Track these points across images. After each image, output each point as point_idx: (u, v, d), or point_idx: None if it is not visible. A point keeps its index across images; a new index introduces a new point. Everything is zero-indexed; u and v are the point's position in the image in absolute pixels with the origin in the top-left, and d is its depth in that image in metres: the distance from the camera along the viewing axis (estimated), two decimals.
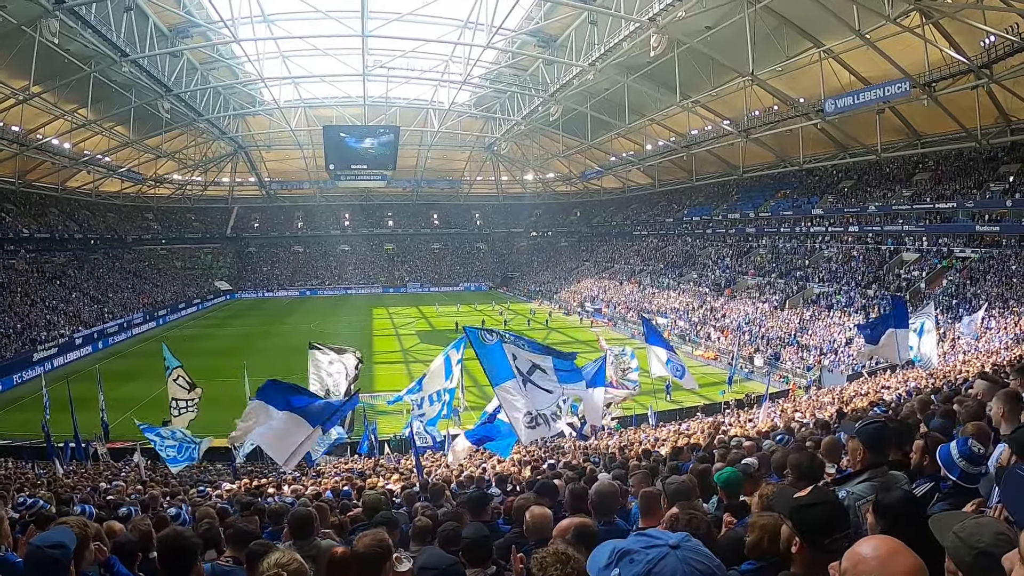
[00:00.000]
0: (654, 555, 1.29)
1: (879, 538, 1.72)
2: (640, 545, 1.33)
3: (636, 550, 1.32)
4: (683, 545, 1.32)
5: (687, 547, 1.32)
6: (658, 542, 1.32)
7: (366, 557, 3.14)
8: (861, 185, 47.82)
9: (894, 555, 1.58)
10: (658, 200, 75.81)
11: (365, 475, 15.18)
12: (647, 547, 1.31)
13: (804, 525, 2.51)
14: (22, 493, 10.76)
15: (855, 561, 1.61)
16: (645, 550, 1.31)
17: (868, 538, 1.69)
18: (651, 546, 1.31)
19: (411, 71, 57.47)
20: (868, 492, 3.30)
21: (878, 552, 1.59)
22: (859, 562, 1.60)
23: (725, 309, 47.32)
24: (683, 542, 1.33)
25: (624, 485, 6.17)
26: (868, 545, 1.64)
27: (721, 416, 22.90)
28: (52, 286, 51.91)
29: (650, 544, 1.32)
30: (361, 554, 3.16)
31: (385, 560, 3.18)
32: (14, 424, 27.93)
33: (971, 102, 34.44)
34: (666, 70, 42.32)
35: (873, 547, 1.62)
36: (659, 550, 1.30)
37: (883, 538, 1.72)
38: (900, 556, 1.58)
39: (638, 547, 1.32)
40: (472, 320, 53.16)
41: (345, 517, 7.24)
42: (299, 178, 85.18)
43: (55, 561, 2.91)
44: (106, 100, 47.59)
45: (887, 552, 1.59)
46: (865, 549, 1.62)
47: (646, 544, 1.32)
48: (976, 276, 35.17)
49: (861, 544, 1.65)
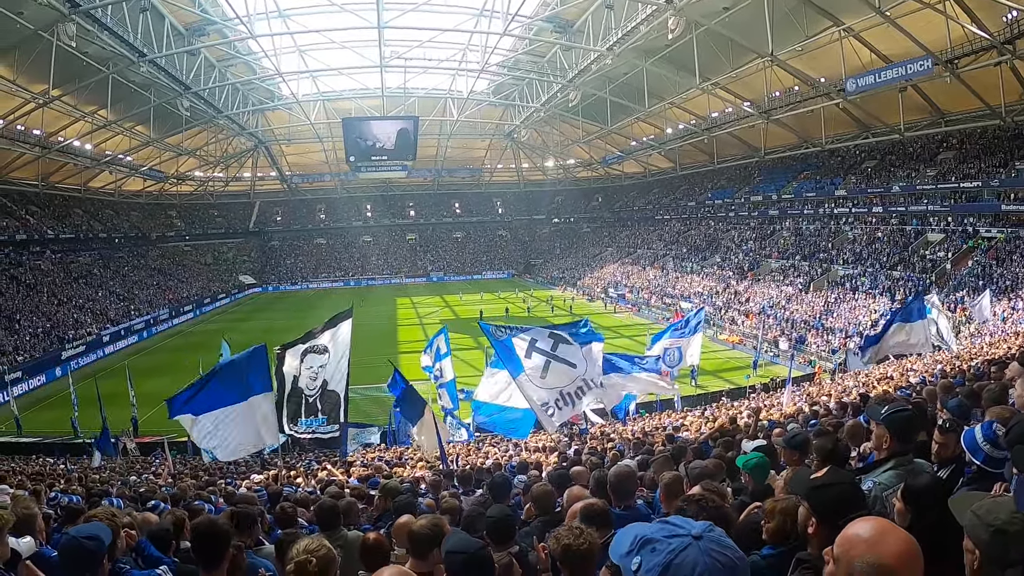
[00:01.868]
0: (676, 545, 1.28)
1: (870, 519, 1.70)
2: (662, 534, 1.32)
3: (658, 539, 1.31)
4: (705, 536, 1.30)
5: (709, 538, 1.30)
6: (680, 531, 1.31)
7: (419, 537, 3.23)
8: (884, 165, 47.07)
9: (886, 534, 1.57)
10: (680, 184, 75.22)
11: (392, 464, 15.31)
12: (669, 536, 1.31)
13: (820, 506, 2.51)
14: (54, 489, 11.00)
15: (847, 546, 1.60)
16: (667, 539, 1.30)
17: (858, 520, 1.67)
18: (673, 535, 1.31)
19: (428, 61, 57.37)
20: (894, 482, 3.24)
21: (869, 533, 1.58)
22: (851, 546, 1.58)
23: (749, 293, 46.97)
24: (706, 532, 1.32)
25: (647, 470, 6.18)
26: (857, 527, 1.62)
27: (758, 399, 22.80)
28: (78, 285, 52.71)
29: (672, 533, 1.31)
30: (415, 533, 3.26)
31: (436, 544, 3.24)
32: (44, 422, 28.43)
33: (995, 79, 33.53)
34: (684, 53, 41.85)
35: (863, 528, 1.60)
36: (681, 540, 1.29)
37: (874, 519, 1.71)
38: (891, 536, 1.57)
39: (660, 536, 1.32)
40: (496, 308, 53.29)
41: (371, 507, 7.35)
42: (320, 171, 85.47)
43: (91, 553, 3.00)
44: (125, 100, 47.95)
45: (878, 532, 1.58)
46: (855, 531, 1.61)
47: (668, 533, 1.32)
48: (1002, 256, 34.52)
49: (852, 526, 1.63)
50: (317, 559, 2.67)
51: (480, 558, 2.85)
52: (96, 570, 3.03)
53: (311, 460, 17.79)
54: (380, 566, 3.63)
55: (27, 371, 35.75)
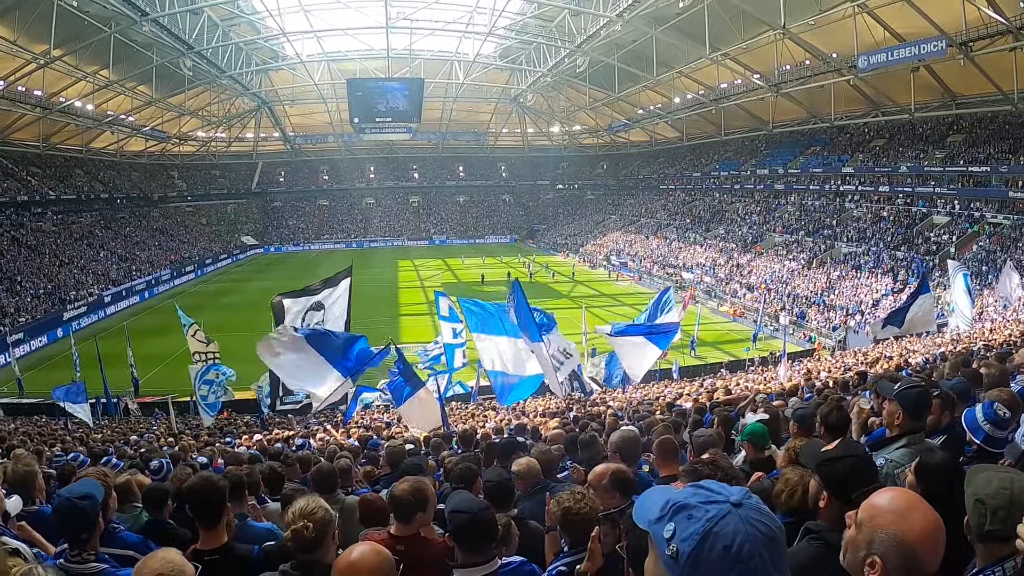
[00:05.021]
0: (714, 512, 1.19)
1: (897, 490, 1.68)
2: (698, 500, 1.23)
3: (694, 505, 1.22)
4: (745, 503, 1.22)
5: (749, 505, 1.22)
6: (718, 498, 1.23)
7: (401, 502, 3.25)
8: (893, 144, 46.57)
9: (912, 509, 1.54)
10: (686, 154, 74.68)
11: (391, 424, 15.39)
12: (706, 502, 1.22)
13: (831, 478, 2.48)
14: (54, 448, 11.05)
15: (872, 513, 1.57)
16: (704, 505, 1.21)
17: (885, 490, 1.66)
18: (710, 501, 1.22)
19: (435, 22, 56.88)
20: (907, 459, 3.22)
21: (896, 505, 1.55)
22: (876, 514, 1.55)
23: (751, 266, 46.91)
24: (745, 499, 1.23)
25: (648, 436, 6.17)
26: (885, 496, 1.59)
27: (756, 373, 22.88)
28: (80, 246, 52.55)
29: (709, 499, 1.23)
30: (396, 498, 3.28)
31: (419, 508, 3.25)
32: (46, 383, 28.46)
33: (1009, 64, 33.05)
34: (695, 22, 41.35)
35: (890, 499, 1.58)
36: (720, 507, 1.20)
37: (901, 491, 1.69)
38: (918, 511, 1.54)
39: (696, 502, 1.23)
40: (498, 272, 53.31)
41: (372, 468, 7.36)
42: (323, 132, 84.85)
43: (85, 512, 2.98)
44: (128, 60, 47.55)
45: (906, 506, 1.55)
46: (882, 500, 1.58)
47: (705, 499, 1.23)
48: (1007, 243, 34.30)
49: (878, 495, 1.61)
50: (314, 523, 2.66)
51: (484, 519, 2.85)
52: (92, 530, 3.02)
53: (312, 422, 17.90)
54: (380, 526, 3.66)
55: (29, 332, 35.73)
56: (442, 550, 3.11)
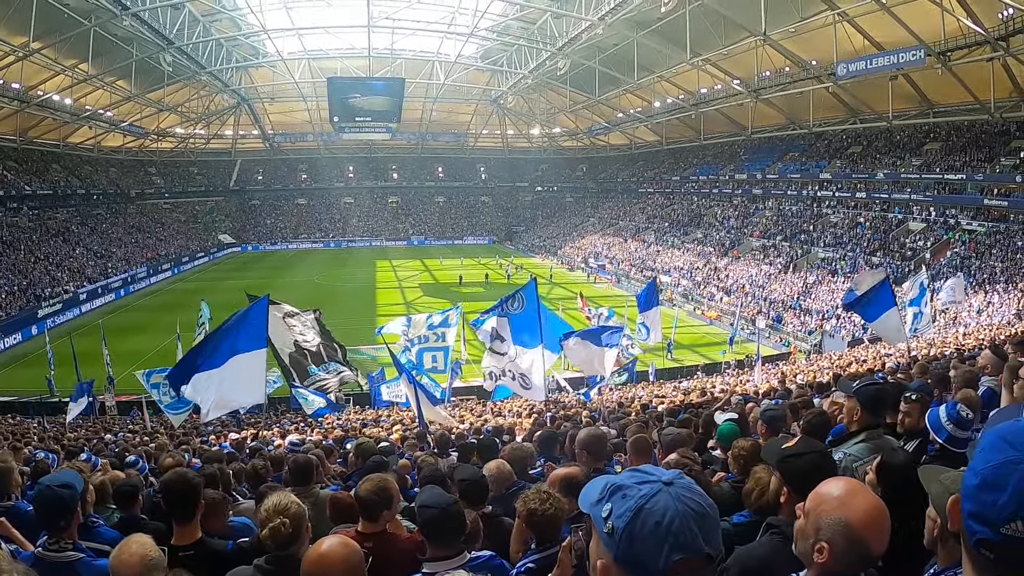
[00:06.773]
0: (647, 491, 1.27)
1: (841, 479, 1.77)
2: (633, 480, 1.31)
3: (628, 485, 1.30)
4: (676, 482, 1.29)
5: (680, 484, 1.29)
6: (651, 478, 1.30)
7: (366, 502, 3.29)
8: (870, 151, 47.20)
9: (855, 496, 1.63)
10: (665, 158, 75.09)
11: (367, 425, 15.39)
12: (640, 483, 1.29)
13: (791, 474, 2.56)
14: (29, 446, 10.92)
15: (818, 501, 1.66)
16: (638, 485, 1.29)
17: (830, 479, 1.74)
18: (644, 482, 1.29)
19: (417, 23, 56.77)
20: (865, 454, 3.34)
21: (840, 492, 1.64)
22: (821, 502, 1.65)
23: (729, 270, 47.27)
24: (676, 479, 1.30)
25: (623, 437, 6.24)
26: (829, 485, 1.69)
27: (732, 375, 23.04)
28: (55, 242, 51.73)
29: (643, 480, 1.30)
30: (361, 498, 3.31)
31: (384, 507, 3.30)
32: (20, 381, 28.09)
33: (986, 74, 33.65)
34: (677, 27, 41.61)
35: (834, 487, 1.67)
36: (652, 486, 1.28)
37: (844, 479, 1.77)
38: (861, 497, 1.63)
39: (631, 482, 1.30)
40: (475, 273, 53.24)
41: (344, 466, 7.38)
42: (303, 131, 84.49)
43: (64, 501, 3.00)
44: (107, 54, 46.99)
45: (848, 493, 1.64)
46: (826, 489, 1.68)
47: (639, 480, 1.30)
48: (982, 250, 34.88)
49: (823, 485, 1.70)
50: (290, 518, 2.71)
51: (452, 513, 2.89)
52: (70, 519, 3.04)
53: (285, 423, 17.81)
54: (349, 522, 3.71)
55: (3, 329, 35.11)
56: (410, 545, 3.17)
